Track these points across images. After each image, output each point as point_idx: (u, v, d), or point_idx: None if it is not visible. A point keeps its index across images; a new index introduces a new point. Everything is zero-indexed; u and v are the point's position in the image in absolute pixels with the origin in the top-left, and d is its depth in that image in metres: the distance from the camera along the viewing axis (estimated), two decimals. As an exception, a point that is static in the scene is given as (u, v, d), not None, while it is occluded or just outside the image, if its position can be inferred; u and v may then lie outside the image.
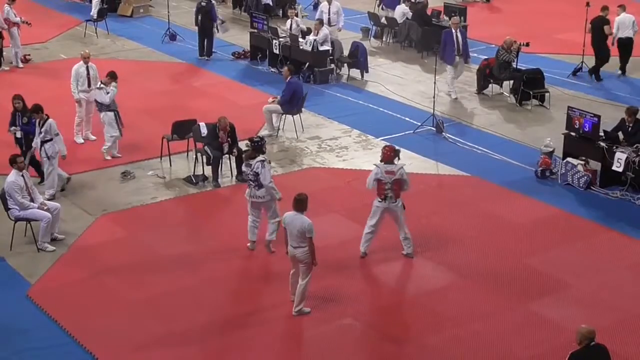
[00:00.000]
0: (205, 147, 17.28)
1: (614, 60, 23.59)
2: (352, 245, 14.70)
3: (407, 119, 20.80)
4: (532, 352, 12.04)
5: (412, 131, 20.03)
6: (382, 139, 19.44)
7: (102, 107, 17.94)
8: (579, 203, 16.63)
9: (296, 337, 12.59)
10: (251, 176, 14.32)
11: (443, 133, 19.80)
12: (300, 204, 12.67)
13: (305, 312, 12.82)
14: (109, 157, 18.16)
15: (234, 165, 17.49)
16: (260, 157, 14.33)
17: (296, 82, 20.10)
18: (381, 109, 21.59)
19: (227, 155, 17.45)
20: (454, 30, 22.01)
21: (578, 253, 14.73)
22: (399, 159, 14.26)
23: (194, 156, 17.79)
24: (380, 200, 14.12)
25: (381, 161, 14.20)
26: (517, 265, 14.30)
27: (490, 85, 22.61)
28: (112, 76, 18.04)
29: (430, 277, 13.97)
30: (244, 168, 14.52)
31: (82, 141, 19.11)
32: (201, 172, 17.41)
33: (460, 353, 12.04)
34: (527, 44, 22.40)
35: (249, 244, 14.66)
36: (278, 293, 13.39)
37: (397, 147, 14.49)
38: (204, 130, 17.60)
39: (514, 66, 22.18)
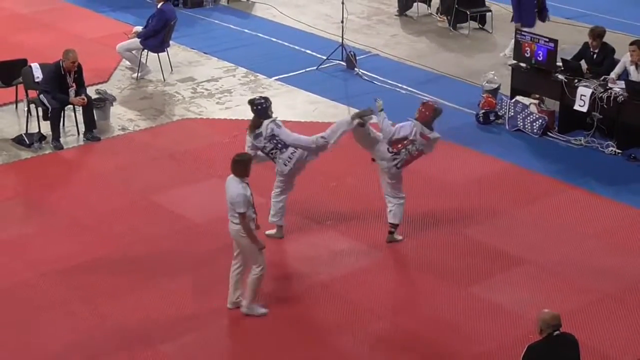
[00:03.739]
0: (41, 96, 17.05)
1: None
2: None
3: (308, 51, 20.97)
4: (478, 349, 12.21)
5: (315, 67, 20.19)
6: (276, 79, 19.48)
7: None
8: (533, 154, 16.99)
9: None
10: (269, 145, 14.03)
11: (355, 69, 19.96)
12: (235, 166, 12.48)
13: (259, 313, 12.80)
14: None
15: (80, 118, 17.32)
16: (267, 121, 14.00)
17: (171, 9, 20.01)
18: (274, 39, 21.70)
19: (71, 107, 17.27)
20: None
21: (534, 218, 14.99)
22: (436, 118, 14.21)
23: (26, 108, 17.55)
24: (391, 151, 14.01)
25: (417, 119, 14.12)
26: (455, 237, 14.51)
27: (415, 4, 22.74)
28: None
29: (344, 256, 14.02)
30: (254, 143, 14.05)
31: None
32: (37, 130, 17.22)
33: (383, 353, 12.16)
34: None
35: (269, 232, 14.47)
36: (150, 285, 13.37)
37: (438, 108, 14.31)
38: (37, 74, 17.40)
39: None
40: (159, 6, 19.72)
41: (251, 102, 14.31)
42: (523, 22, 19.80)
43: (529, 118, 17.49)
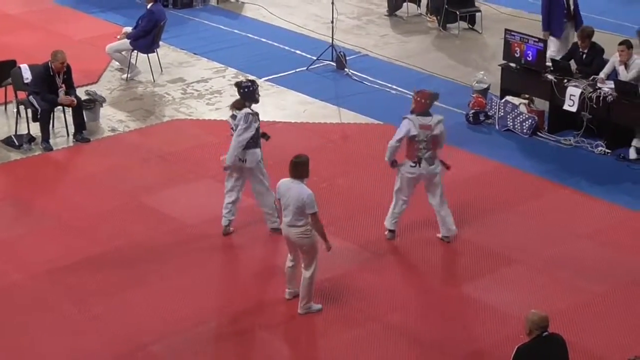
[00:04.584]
0: (30, 97, 17.08)
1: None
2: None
3: (298, 51, 21.02)
4: (470, 347, 12.31)
5: (305, 68, 20.26)
6: (266, 79, 19.56)
7: None
8: (523, 154, 17.07)
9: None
10: (233, 131, 14.15)
11: (346, 69, 20.02)
12: (297, 168, 12.54)
13: (315, 310, 12.90)
14: None
15: (70, 120, 17.36)
16: (248, 109, 14.03)
17: (160, 10, 20.02)
18: (264, 40, 21.75)
19: (60, 108, 17.28)
20: None
21: (524, 218, 15.08)
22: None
23: (15, 110, 17.58)
24: (413, 164, 14.03)
25: (412, 112, 14.10)
26: (446, 237, 14.59)
27: (405, 4, 22.84)
28: None
29: (335, 257, 13.94)
30: (229, 120, 14.24)
31: None
32: (26, 131, 17.23)
33: (376, 354, 12.21)
34: None
35: (223, 229, 14.60)
36: (140, 286, 13.42)
37: (434, 92, 14.30)
38: (26, 75, 17.43)
39: None
40: (148, 7, 19.77)
41: (238, 85, 14.35)
42: (551, 32, 19.17)
43: (518, 118, 17.57)
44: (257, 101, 14.27)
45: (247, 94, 14.17)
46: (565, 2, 19.33)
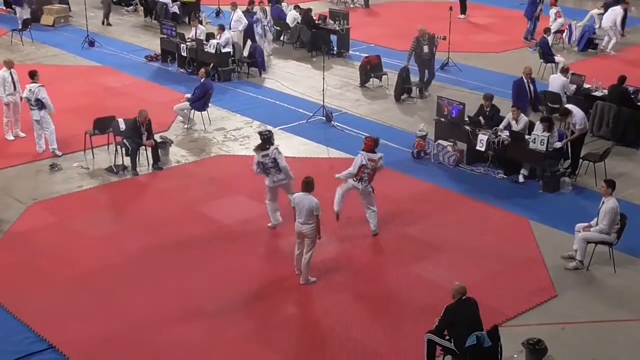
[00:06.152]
0: (124, 140, 17.00)
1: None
2: (257, 221, 14.70)
3: (300, 110, 20.81)
4: (415, 305, 12.29)
5: (305, 121, 20.07)
6: (279, 128, 19.44)
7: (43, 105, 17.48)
8: (449, 179, 16.90)
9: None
10: (270, 163, 14.07)
11: (332, 122, 19.88)
12: (308, 185, 12.59)
13: (311, 281, 12.79)
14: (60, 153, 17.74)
15: (149, 155, 17.28)
16: (275, 146, 14.16)
17: (210, 83, 19.91)
18: (278, 102, 21.51)
19: (143, 147, 17.15)
20: (525, 80, 18.67)
21: (450, 221, 14.99)
22: (377, 146, 14.24)
23: (114, 148, 17.50)
24: (355, 181, 14.10)
25: (363, 150, 14.14)
26: (399, 233, 14.50)
27: (371, 79, 22.83)
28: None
29: (322, 248, 13.73)
30: (260, 159, 14.05)
31: (12, 138, 18.56)
32: (121, 163, 17.14)
33: (352, 309, 12.19)
34: (444, 38, 22.57)
35: (270, 225, 14.49)
36: (195, 266, 13.32)
37: (377, 137, 14.37)
38: (122, 125, 17.32)
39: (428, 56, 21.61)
40: (202, 80, 19.70)
41: (260, 133, 14.48)
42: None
43: (446, 154, 17.49)
44: (272, 144, 14.25)
45: (266, 139, 14.18)
46: (528, 91, 18.77)
